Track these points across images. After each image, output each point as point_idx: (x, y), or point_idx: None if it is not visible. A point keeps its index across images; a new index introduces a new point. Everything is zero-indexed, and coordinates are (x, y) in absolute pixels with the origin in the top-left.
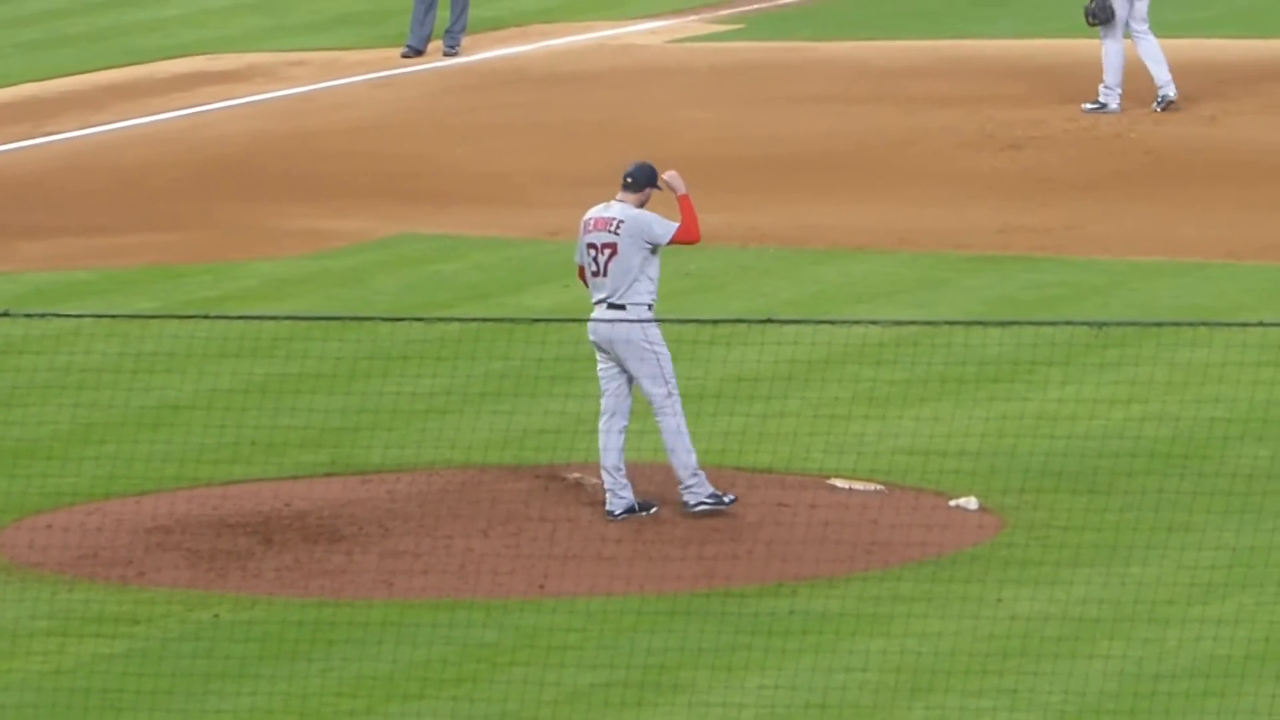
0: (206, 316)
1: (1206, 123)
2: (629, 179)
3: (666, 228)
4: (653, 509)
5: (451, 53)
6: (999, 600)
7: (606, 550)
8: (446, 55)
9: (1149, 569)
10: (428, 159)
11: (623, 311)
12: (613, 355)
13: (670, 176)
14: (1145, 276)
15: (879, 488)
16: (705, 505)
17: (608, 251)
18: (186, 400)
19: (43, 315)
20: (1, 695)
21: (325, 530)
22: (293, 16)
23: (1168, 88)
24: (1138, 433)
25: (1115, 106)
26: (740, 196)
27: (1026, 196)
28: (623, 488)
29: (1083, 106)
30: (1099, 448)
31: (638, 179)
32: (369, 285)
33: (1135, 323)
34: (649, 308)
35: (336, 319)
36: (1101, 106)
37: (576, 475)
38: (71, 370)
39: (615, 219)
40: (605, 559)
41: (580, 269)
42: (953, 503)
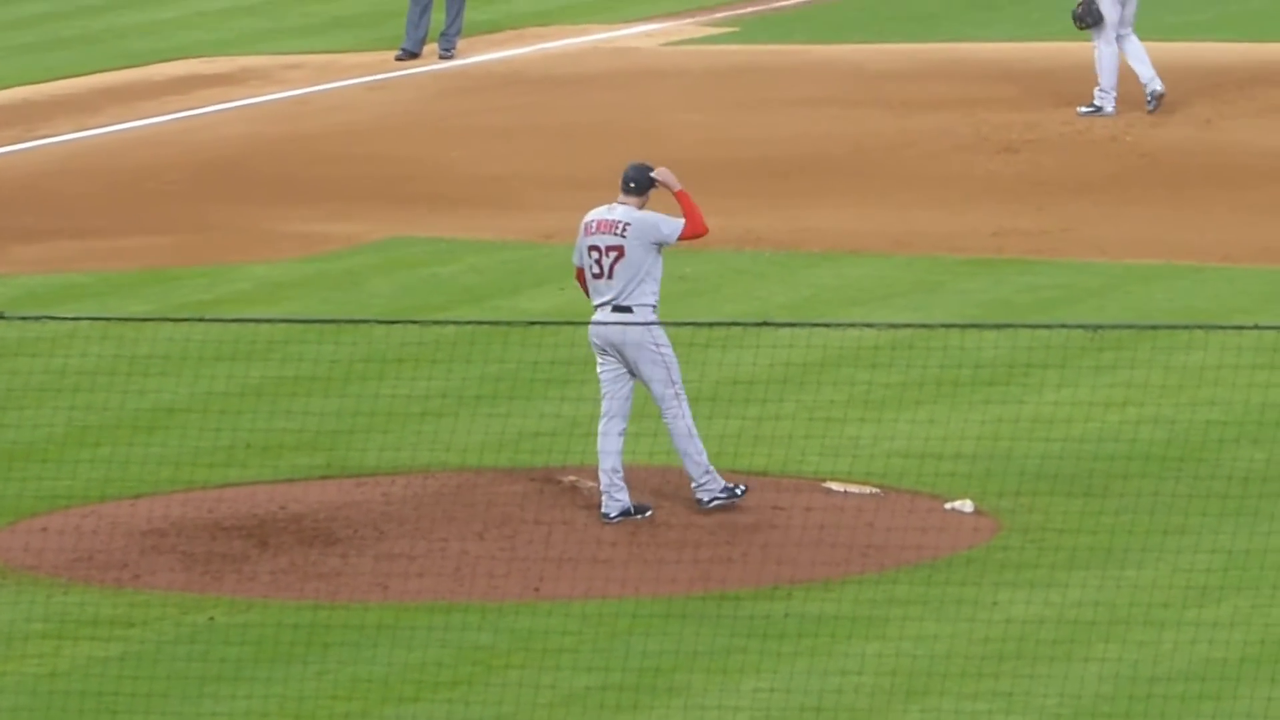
0: (201, 319)
1: (1202, 126)
2: (631, 184)
3: (674, 226)
4: (648, 512)
5: (447, 56)
6: (994, 603)
7: (602, 553)
8: (442, 58)
9: (1144, 572)
10: (423, 162)
11: (629, 314)
12: (618, 358)
13: (661, 174)
14: (1141, 279)
15: (874, 491)
16: (719, 500)
17: (613, 254)
18: (181, 403)
19: (37, 318)
20: None
21: (320, 533)
22: (288, 19)
23: (1154, 82)
24: (1133, 436)
25: (1111, 109)
26: (735, 200)
27: (1022, 200)
28: (619, 490)
29: (1078, 110)
30: (1094, 450)
31: (640, 183)
32: (364, 288)
33: (1131, 326)
34: (654, 309)
35: (331, 322)
36: (1097, 110)
37: (572, 478)
38: (66, 373)
39: (621, 221)
40: (600, 562)
41: (579, 271)
42: (948, 506)
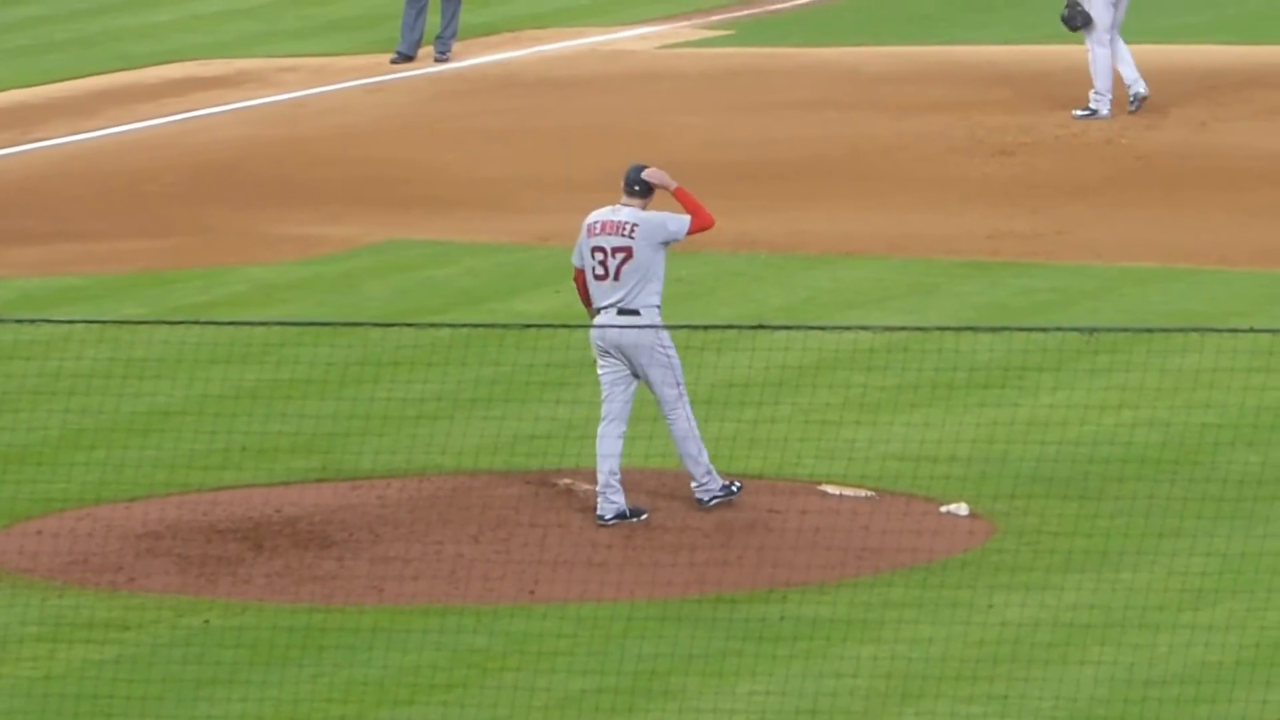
0: (197, 322)
1: (1198, 129)
2: (635, 186)
3: (681, 223)
4: (643, 515)
5: (442, 58)
6: (989, 606)
7: (597, 556)
8: (437, 61)
9: (1140, 575)
10: (419, 164)
11: (637, 316)
12: (622, 360)
13: (651, 175)
14: (1136, 282)
15: (870, 494)
16: (718, 498)
17: (620, 255)
18: (177, 406)
19: (33, 321)
20: None
21: (316, 536)
22: (284, 22)
23: (1137, 84)
24: (1128, 438)
25: (1106, 112)
26: (731, 202)
27: (1017, 202)
28: (615, 492)
29: (1074, 113)
30: (1090, 453)
31: (644, 186)
32: (360, 291)
33: (1126, 328)
34: (658, 310)
35: (327, 324)
36: (1092, 113)
37: (567, 481)
38: (62, 376)
39: (628, 222)
40: (596, 565)
41: (578, 273)
42: (943, 508)
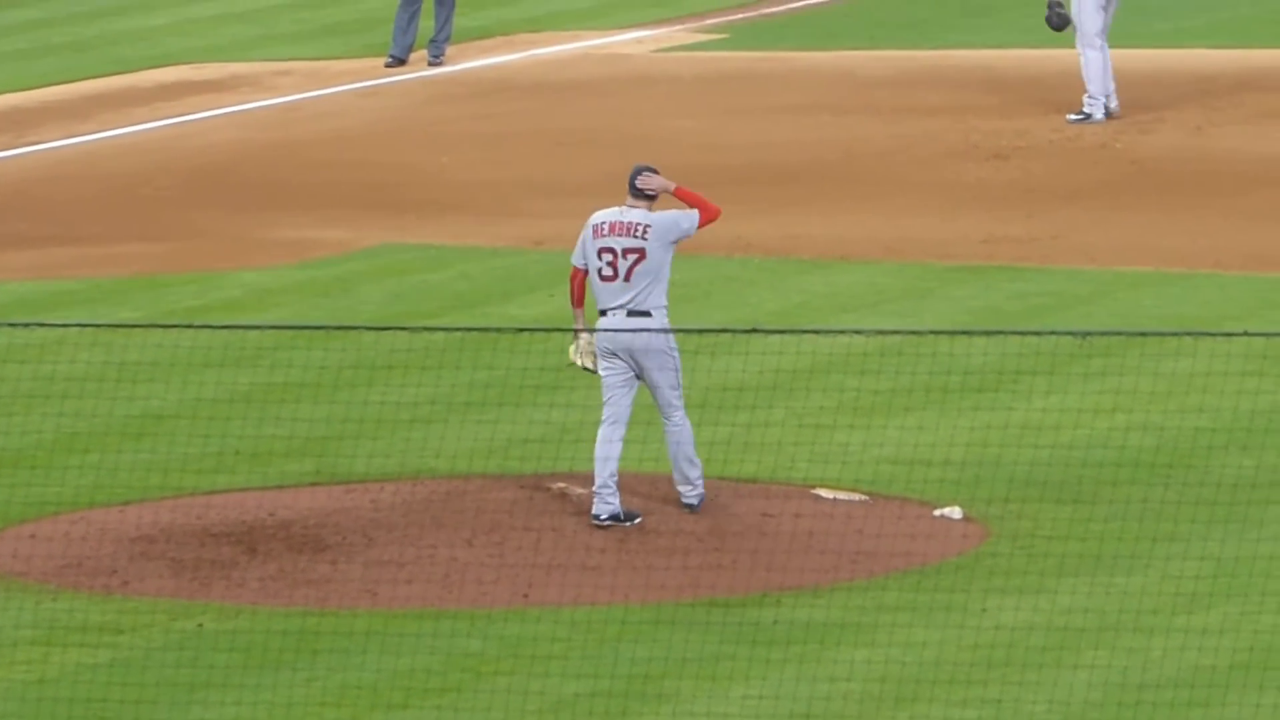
0: (191, 326)
1: (1192, 132)
2: (648, 192)
3: (691, 219)
4: (637, 519)
5: (436, 62)
6: (983, 610)
7: (591, 560)
8: (431, 65)
9: (1133, 578)
10: (413, 168)
11: (647, 317)
12: (629, 363)
13: (649, 184)
14: (1130, 286)
15: (863, 497)
16: (700, 499)
17: (632, 257)
18: (171, 410)
19: (26, 325)
20: None
21: (310, 540)
22: (278, 26)
23: (1110, 99)
24: (1122, 442)
25: (1100, 116)
26: (725, 206)
27: (1011, 206)
28: (612, 494)
29: (1067, 117)
30: (1083, 457)
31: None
32: (354, 295)
33: (1120, 332)
34: (666, 311)
35: (321, 328)
36: (1086, 117)
37: (561, 485)
38: (56, 379)
39: (639, 224)
40: (590, 568)
41: (577, 272)
42: (937, 512)
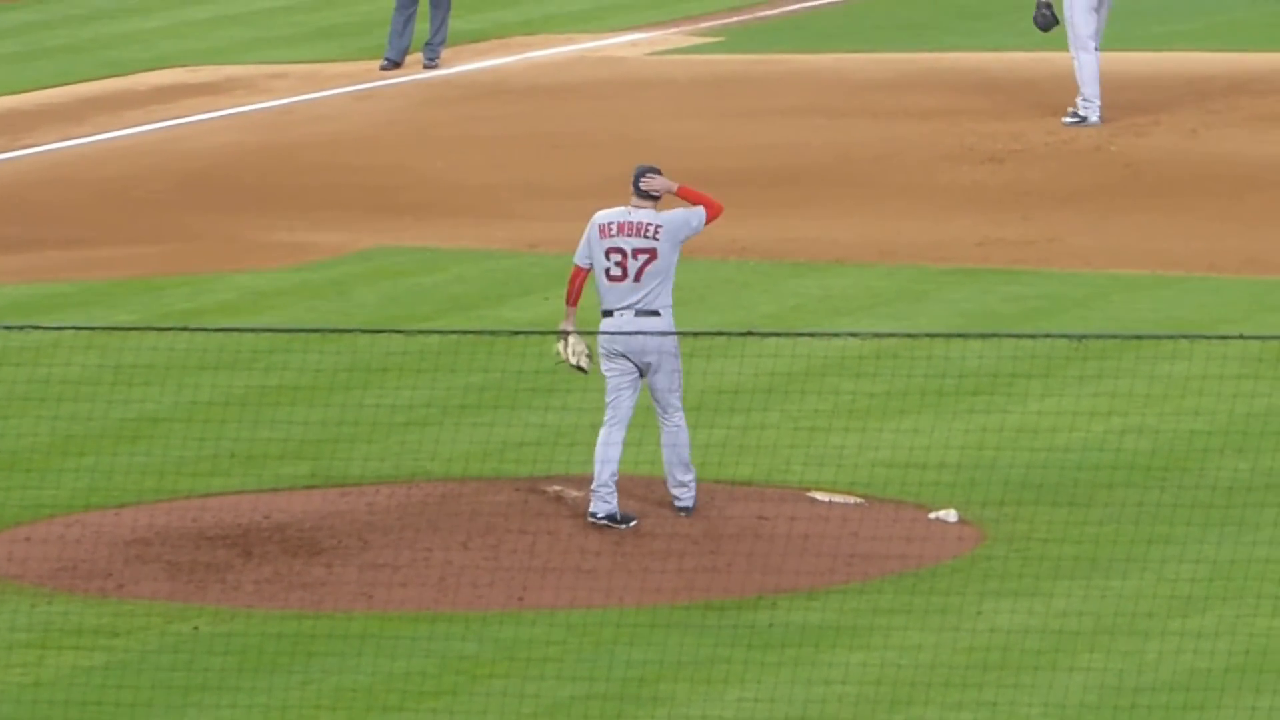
0: (186, 329)
1: (1187, 135)
2: (653, 193)
3: (700, 216)
4: (632, 522)
5: (431, 65)
6: (979, 613)
7: (586, 563)
8: (426, 68)
9: (1129, 581)
10: (408, 171)
11: (657, 317)
12: (635, 363)
13: (653, 186)
14: (1125, 289)
15: (859, 500)
16: (694, 502)
17: (643, 257)
18: (166, 412)
19: (21, 328)
20: None
21: (305, 543)
22: (273, 29)
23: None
24: (1117, 445)
25: (1095, 119)
26: None
27: (1006, 209)
28: (610, 493)
29: (1063, 120)
30: (1079, 460)
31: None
32: (349, 298)
33: (1115, 335)
34: (671, 309)
35: (316, 331)
36: (1081, 119)
37: (557, 488)
38: (51, 382)
39: (650, 224)
40: (585, 571)
41: (580, 271)
42: (932, 515)
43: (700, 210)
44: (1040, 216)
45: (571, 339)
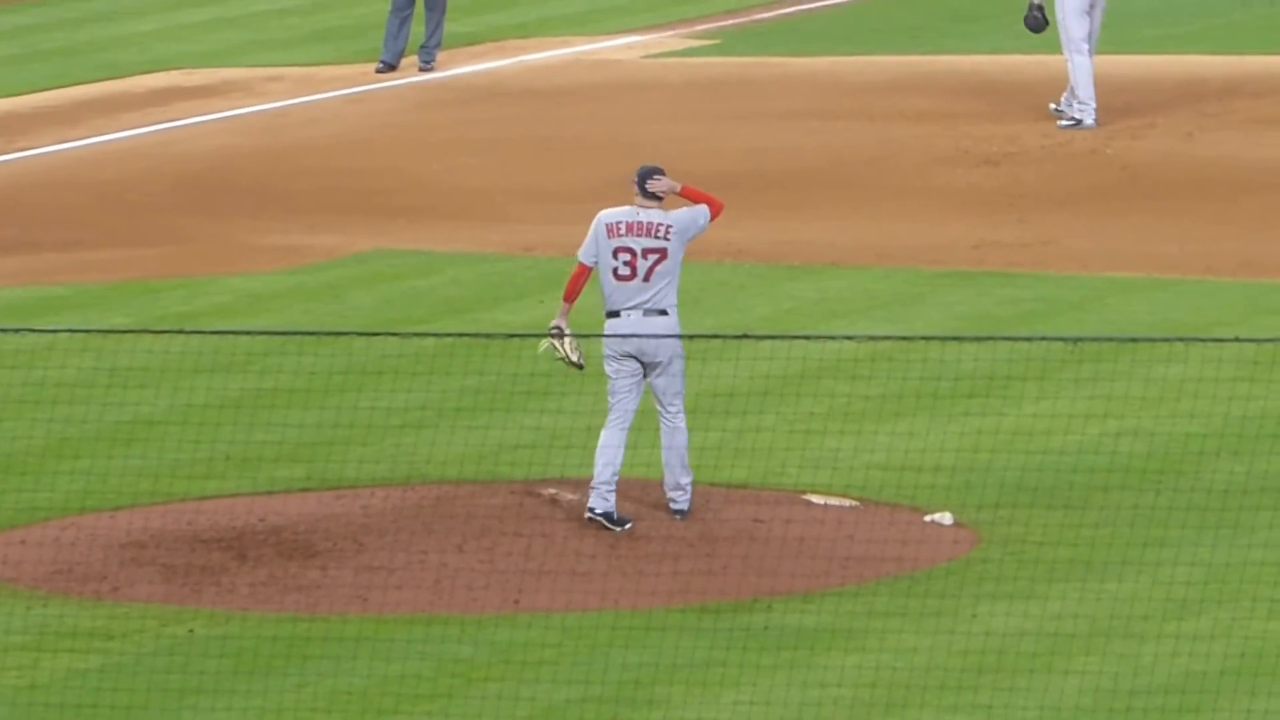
0: (181, 331)
1: (1183, 138)
2: (658, 194)
3: (705, 215)
4: (627, 524)
5: (427, 68)
6: (974, 615)
7: (581, 565)
8: (422, 70)
9: (1124, 584)
10: (404, 174)
11: (665, 316)
12: (646, 364)
13: (659, 187)
14: (1121, 292)
15: (854, 503)
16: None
17: (653, 256)
18: (161, 415)
19: (16, 330)
20: None
21: (300, 545)
22: (268, 32)
23: (1077, 108)
24: (1113, 448)
25: (1091, 122)
26: None
27: (1002, 212)
28: (610, 491)
29: (1058, 123)
30: (1074, 463)
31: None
32: (344, 300)
33: (1111, 338)
34: (676, 308)
35: (311, 334)
36: (1076, 122)
37: (552, 491)
38: (46, 385)
39: (659, 224)
40: (580, 574)
41: (584, 269)
42: (928, 518)
43: (705, 209)
44: (1036, 219)
45: (568, 336)
